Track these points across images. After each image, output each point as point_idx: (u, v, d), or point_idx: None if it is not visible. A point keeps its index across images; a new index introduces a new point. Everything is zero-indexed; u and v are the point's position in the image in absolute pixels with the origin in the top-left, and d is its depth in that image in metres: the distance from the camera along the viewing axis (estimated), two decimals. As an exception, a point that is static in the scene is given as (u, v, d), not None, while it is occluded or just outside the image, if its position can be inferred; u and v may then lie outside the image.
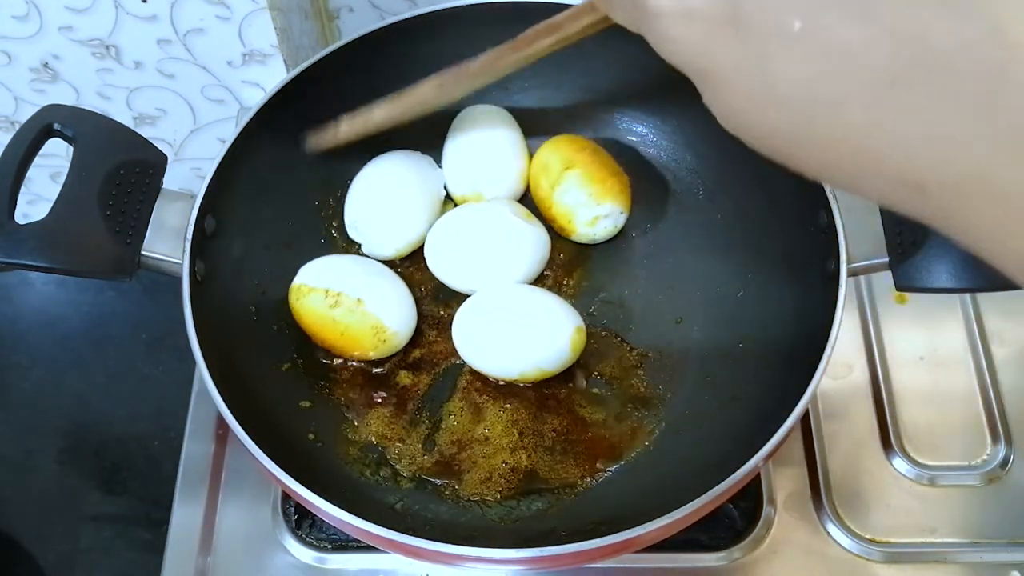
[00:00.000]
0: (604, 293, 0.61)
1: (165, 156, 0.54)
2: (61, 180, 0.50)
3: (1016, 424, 0.63)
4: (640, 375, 0.58)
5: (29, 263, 0.49)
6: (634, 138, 0.66)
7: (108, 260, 0.50)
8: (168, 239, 0.52)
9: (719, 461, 0.47)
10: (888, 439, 0.63)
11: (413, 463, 0.55)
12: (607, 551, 0.45)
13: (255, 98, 0.60)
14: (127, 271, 0.51)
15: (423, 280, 0.62)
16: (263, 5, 0.61)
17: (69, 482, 0.80)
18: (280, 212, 0.60)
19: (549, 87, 0.65)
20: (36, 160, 0.51)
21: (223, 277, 0.55)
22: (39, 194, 0.81)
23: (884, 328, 0.68)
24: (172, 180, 0.54)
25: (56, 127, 0.52)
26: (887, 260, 0.50)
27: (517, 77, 0.55)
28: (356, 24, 0.73)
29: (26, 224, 0.49)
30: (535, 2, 0.57)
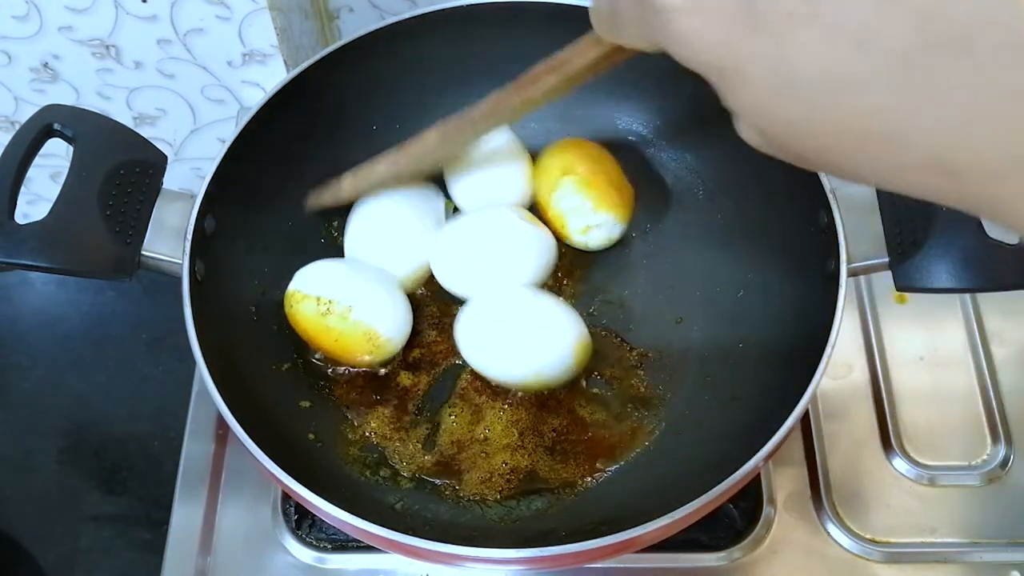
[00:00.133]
0: (604, 293, 0.61)
1: (165, 156, 0.54)
2: (61, 180, 0.50)
3: (1016, 424, 0.63)
4: (640, 375, 0.58)
5: (29, 263, 0.49)
6: (634, 138, 0.66)
7: (108, 260, 0.50)
8: (168, 239, 0.52)
9: (719, 461, 0.47)
10: (888, 439, 0.63)
11: (413, 463, 0.55)
12: (607, 551, 0.45)
13: (255, 98, 0.60)
14: (127, 271, 0.51)
15: (424, 280, 0.61)
16: (263, 5, 0.61)
17: (69, 482, 0.80)
18: (280, 212, 0.60)
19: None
20: (36, 160, 0.51)
21: (223, 277, 0.55)
22: (39, 194, 0.81)
23: (884, 328, 0.68)
24: (172, 180, 0.54)
25: (56, 127, 0.52)
26: (887, 260, 0.50)
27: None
28: (356, 24, 0.73)
29: (26, 224, 0.49)
30: (535, 2, 0.57)
